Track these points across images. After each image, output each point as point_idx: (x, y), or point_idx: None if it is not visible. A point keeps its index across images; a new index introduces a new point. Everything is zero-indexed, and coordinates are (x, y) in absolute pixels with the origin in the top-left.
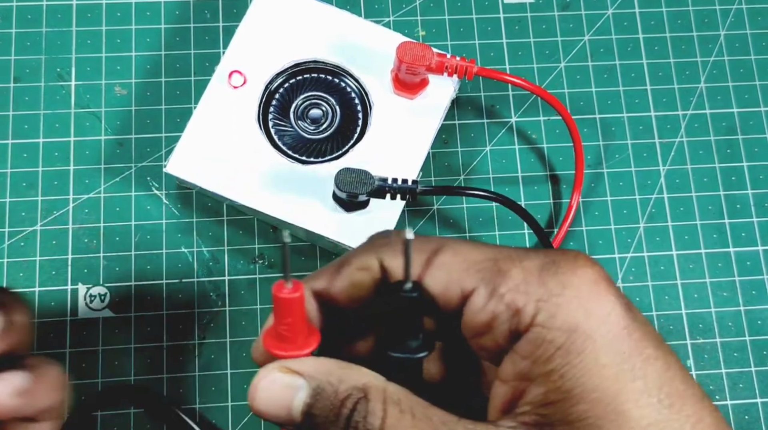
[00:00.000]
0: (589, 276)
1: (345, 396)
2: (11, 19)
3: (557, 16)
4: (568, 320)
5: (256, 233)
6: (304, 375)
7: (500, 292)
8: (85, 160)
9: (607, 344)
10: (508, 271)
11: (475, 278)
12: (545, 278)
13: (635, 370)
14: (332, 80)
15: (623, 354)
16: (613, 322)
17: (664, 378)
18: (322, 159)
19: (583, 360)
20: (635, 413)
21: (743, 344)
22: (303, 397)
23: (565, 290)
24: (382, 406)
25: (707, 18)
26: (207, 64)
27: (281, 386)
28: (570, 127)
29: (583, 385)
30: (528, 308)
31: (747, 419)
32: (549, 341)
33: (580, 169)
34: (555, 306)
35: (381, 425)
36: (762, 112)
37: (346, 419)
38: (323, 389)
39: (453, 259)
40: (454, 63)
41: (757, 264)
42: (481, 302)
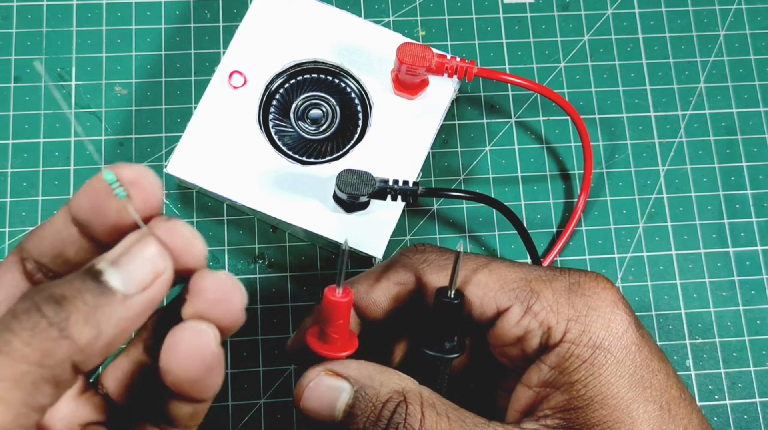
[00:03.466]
0: (609, 298)
1: (386, 399)
2: (12, 19)
3: (557, 16)
4: (593, 337)
5: (257, 233)
6: (349, 378)
7: (534, 310)
8: (86, 160)
9: (624, 358)
10: (540, 292)
11: (510, 296)
12: (573, 300)
13: (644, 380)
14: (332, 81)
15: (636, 366)
16: (628, 339)
17: (665, 386)
18: (322, 159)
19: (604, 372)
20: (644, 417)
21: (742, 343)
22: (346, 398)
23: (590, 311)
24: (420, 409)
25: (707, 18)
26: (207, 64)
27: (326, 387)
28: (577, 123)
29: (603, 393)
30: (559, 326)
31: (746, 418)
32: (576, 355)
33: (589, 166)
34: (582, 325)
35: (420, 426)
36: (761, 112)
37: (387, 421)
38: (365, 392)
39: (489, 278)
40: (454, 64)
41: (757, 264)
42: (515, 319)
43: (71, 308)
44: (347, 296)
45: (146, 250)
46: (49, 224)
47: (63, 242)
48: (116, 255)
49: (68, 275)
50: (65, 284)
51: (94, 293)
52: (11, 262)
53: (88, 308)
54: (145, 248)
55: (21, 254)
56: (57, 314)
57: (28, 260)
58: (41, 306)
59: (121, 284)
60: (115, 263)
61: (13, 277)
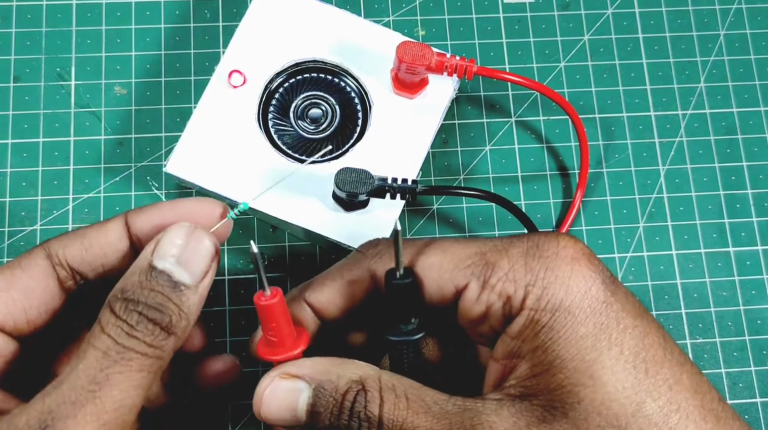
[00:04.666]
0: (570, 255)
1: (345, 390)
2: (11, 19)
3: (557, 15)
4: (552, 300)
5: (256, 233)
6: (304, 377)
7: (491, 283)
8: (85, 159)
9: (586, 317)
10: (495, 262)
11: (466, 273)
12: (530, 264)
13: (612, 339)
14: (332, 80)
15: (601, 325)
16: (593, 296)
17: (641, 346)
18: (321, 159)
19: (563, 334)
20: (610, 378)
21: (743, 343)
22: (306, 398)
23: (548, 272)
24: (379, 394)
25: (707, 18)
26: (207, 63)
27: (284, 391)
28: (575, 122)
29: (562, 356)
30: (518, 293)
31: (747, 418)
32: (536, 321)
33: (585, 165)
34: (540, 289)
35: (380, 411)
36: (762, 112)
37: (349, 411)
38: (324, 387)
39: (443, 258)
40: (454, 62)
41: (757, 264)
42: (474, 295)
43: (170, 311)
44: (275, 296)
45: (202, 244)
46: (101, 237)
47: (115, 253)
48: (176, 252)
49: (138, 278)
50: (150, 293)
51: (177, 293)
52: (43, 267)
53: (178, 307)
54: (201, 243)
55: (52, 260)
56: (163, 319)
57: (61, 266)
58: (153, 317)
59: (190, 278)
60: (179, 261)
61: (48, 284)
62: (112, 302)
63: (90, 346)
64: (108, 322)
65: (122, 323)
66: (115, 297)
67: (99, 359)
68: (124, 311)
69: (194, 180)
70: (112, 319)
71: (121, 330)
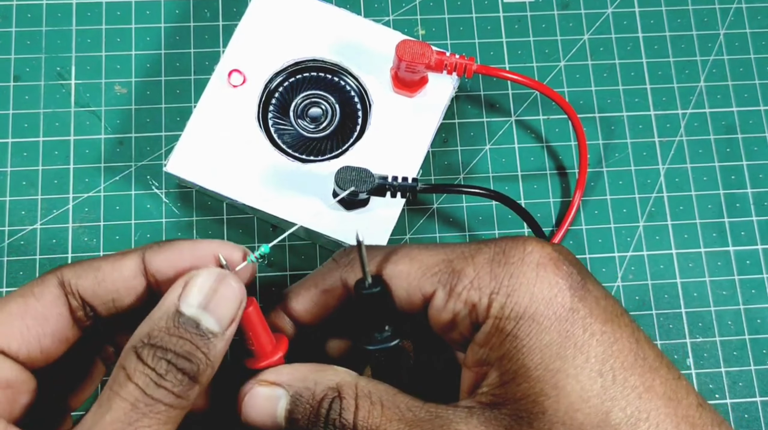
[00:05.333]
0: (535, 261)
1: (321, 397)
2: (11, 18)
3: (557, 15)
4: (516, 307)
5: (256, 232)
6: (282, 384)
7: (457, 291)
8: (85, 158)
9: (551, 325)
10: (461, 270)
11: (433, 281)
12: (495, 271)
13: (577, 346)
14: (332, 79)
15: (566, 332)
16: (558, 303)
17: (610, 352)
18: (321, 157)
19: (528, 343)
20: (575, 387)
21: (743, 342)
22: (284, 405)
23: (512, 280)
24: (354, 401)
25: (707, 17)
26: (207, 63)
27: (263, 398)
28: (573, 121)
29: (527, 365)
30: (482, 301)
31: (747, 417)
32: (501, 329)
33: (584, 164)
34: (504, 296)
35: (354, 418)
36: (761, 111)
37: (325, 418)
38: (301, 395)
39: (410, 266)
40: (454, 61)
41: (757, 263)
42: (441, 303)
43: (197, 360)
44: (249, 305)
45: (230, 291)
46: (115, 273)
47: (128, 290)
48: (204, 299)
49: (166, 324)
50: (179, 341)
51: (204, 341)
52: (56, 296)
53: (206, 355)
54: (229, 289)
55: (64, 288)
56: (192, 369)
57: (72, 296)
58: (181, 366)
59: (217, 325)
60: (207, 307)
61: (61, 313)
62: (139, 348)
63: (116, 395)
64: (135, 370)
65: (150, 372)
66: (141, 343)
67: (127, 412)
68: (152, 358)
69: (194, 179)
70: (139, 366)
71: (150, 379)
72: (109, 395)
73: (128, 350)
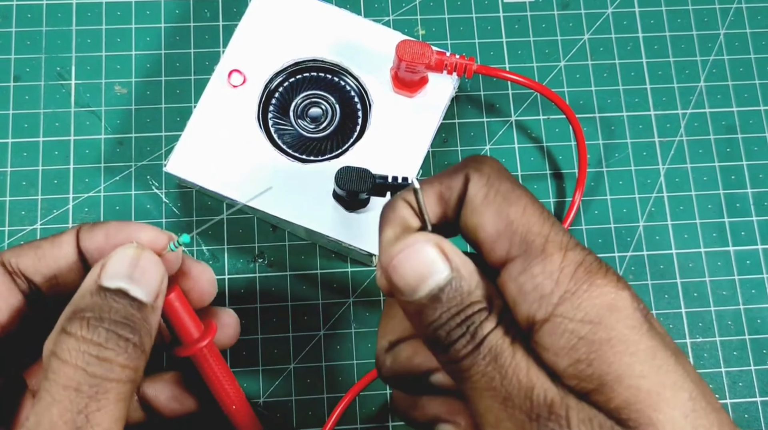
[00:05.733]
0: (614, 283)
1: (475, 300)
2: (11, 18)
3: (557, 15)
4: (591, 313)
5: (256, 232)
6: (453, 262)
7: (534, 271)
8: (85, 159)
9: (634, 337)
10: (551, 255)
11: (523, 247)
12: (579, 274)
13: (667, 364)
14: (332, 79)
15: (652, 348)
16: (636, 321)
17: (689, 379)
18: (321, 158)
19: (610, 349)
20: (674, 402)
21: (743, 342)
22: (441, 281)
23: (591, 288)
24: (496, 322)
25: (707, 17)
26: (207, 63)
27: (427, 258)
28: (572, 123)
29: (615, 372)
30: (553, 296)
31: (747, 417)
32: (570, 331)
33: (583, 165)
34: (579, 299)
35: (495, 343)
36: (761, 111)
37: (464, 320)
38: (460, 283)
39: (520, 217)
40: (454, 61)
41: (757, 263)
42: (515, 273)
43: (138, 327)
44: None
45: (152, 264)
46: (54, 249)
47: (68, 266)
48: (127, 271)
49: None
50: (111, 308)
51: (138, 309)
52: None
53: (145, 321)
54: (151, 262)
55: (5, 267)
56: (134, 335)
57: (16, 275)
58: (122, 333)
59: (145, 296)
60: (131, 278)
61: (8, 288)
62: (67, 325)
63: (53, 384)
64: (69, 351)
65: (88, 346)
66: (68, 320)
67: (73, 400)
68: (86, 329)
69: (194, 179)
70: (72, 343)
71: (89, 355)
72: (46, 387)
73: (55, 333)
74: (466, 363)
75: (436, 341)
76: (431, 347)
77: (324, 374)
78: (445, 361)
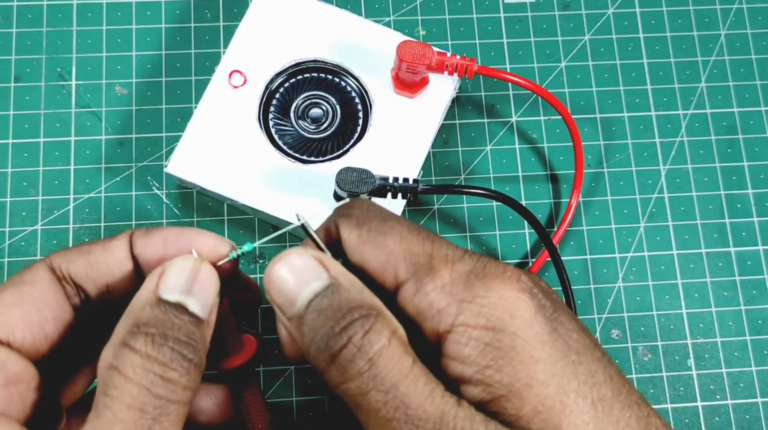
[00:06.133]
0: (513, 284)
1: (356, 305)
2: (12, 19)
3: (558, 15)
4: (492, 319)
5: (257, 233)
6: (329, 269)
7: (426, 289)
8: (86, 159)
9: (537, 344)
10: (438, 270)
11: (409, 270)
12: (471, 281)
13: (567, 371)
14: (332, 80)
15: (553, 355)
16: (537, 327)
17: (592, 383)
18: (322, 158)
19: (516, 356)
20: (576, 409)
21: (744, 343)
22: (318, 288)
23: (489, 293)
24: (390, 335)
25: (708, 17)
26: (207, 63)
27: (304, 268)
28: (570, 126)
29: (523, 379)
30: (450, 308)
31: (748, 418)
32: (474, 338)
33: (580, 169)
34: (479, 306)
35: (380, 349)
36: (762, 112)
37: (343, 328)
38: (338, 290)
39: (398, 245)
40: (455, 62)
41: (758, 264)
42: (408, 296)
43: (199, 348)
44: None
45: (209, 278)
46: (107, 255)
47: (122, 273)
48: (184, 285)
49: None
50: (174, 325)
51: (197, 326)
52: (48, 280)
53: (203, 340)
54: (208, 276)
55: (56, 274)
56: (195, 355)
57: (65, 281)
58: (185, 353)
59: (201, 311)
60: (189, 293)
61: (58, 297)
62: (129, 339)
63: (116, 401)
64: (134, 367)
65: (153, 365)
66: (131, 334)
67: (137, 421)
68: (151, 346)
69: (195, 180)
70: (137, 360)
71: (154, 375)
72: (107, 403)
73: (115, 346)
74: (360, 384)
75: (320, 356)
76: (321, 374)
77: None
78: (338, 381)
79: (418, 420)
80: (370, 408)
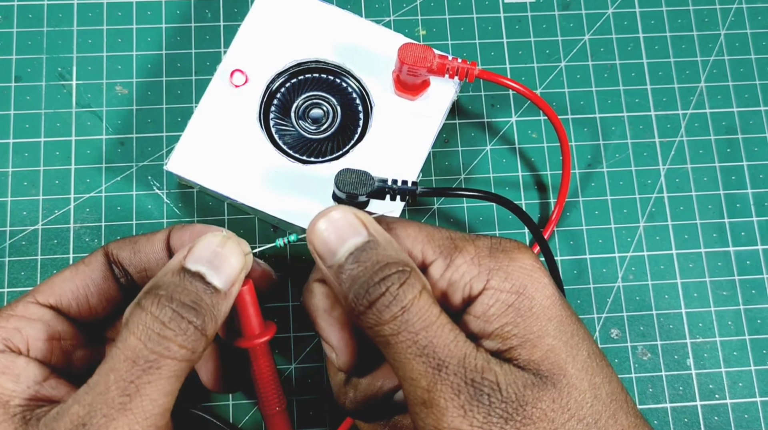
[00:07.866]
0: (529, 257)
1: (393, 261)
2: (12, 19)
3: (557, 15)
4: (516, 283)
5: (257, 233)
6: (369, 228)
7: (456, 263)
8: (86, 159)
9: (550, 305)
10: (463, 247)
11: (436, 251)
12: (495, 254)
13: (571, 328)
14: (333, 80)
15: (561, 314)
16: (550, 291)
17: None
18: (322, 159)
19: (532, 315)
20: (577, 356)
21: (743, 343)
22: (358, 241)
23: (512, 262)
24: (421, 288)
25: (707, 17)
26: (208, 63)
27: (348, 223)
28: (558, 129)
29: (536, 332)
30: (481, 276)
31: (747, 418)
32: (501, 300)
33: (566, 177)
34: (505, 273)
35: (412, 298)
36: (762, 112)
37: (381, 279)
38: (376, 248)
39: (419, 232)
40: (455, 65)
41: (757, 263)
42: (439, 272)
43: (204, 312)
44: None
45: (234, 252)
46: (148, 245)
47: (156, 261)
48: (209, 256)
49: (172, 278)
50: (184, 290)
51: (209, 294)
52: (101, 263)
53: (211, 308)
54: (233, 251)
55: (108, 258)
56: (197, 319)
57: (115, 265)
58: (184, 314)
59: (221, 282)
60: (211, 265)
61: (106, 277)
62: (141, 298)
63: (118, 351)
64: (138, 323)
65: (153, 322)
66: (145, 293)
67: (128, 370)
68: (156, 306)
69: (195, 179)
70: (141, 317)
71: (152, 332)
72: (112, 353)
73: (133, 304)
74: (393, 326)
75: (359, 301)
76: (357, 317)
77: (325, 375)
78: (373, 323)
79: (444, 357)
80: (399, 346)
